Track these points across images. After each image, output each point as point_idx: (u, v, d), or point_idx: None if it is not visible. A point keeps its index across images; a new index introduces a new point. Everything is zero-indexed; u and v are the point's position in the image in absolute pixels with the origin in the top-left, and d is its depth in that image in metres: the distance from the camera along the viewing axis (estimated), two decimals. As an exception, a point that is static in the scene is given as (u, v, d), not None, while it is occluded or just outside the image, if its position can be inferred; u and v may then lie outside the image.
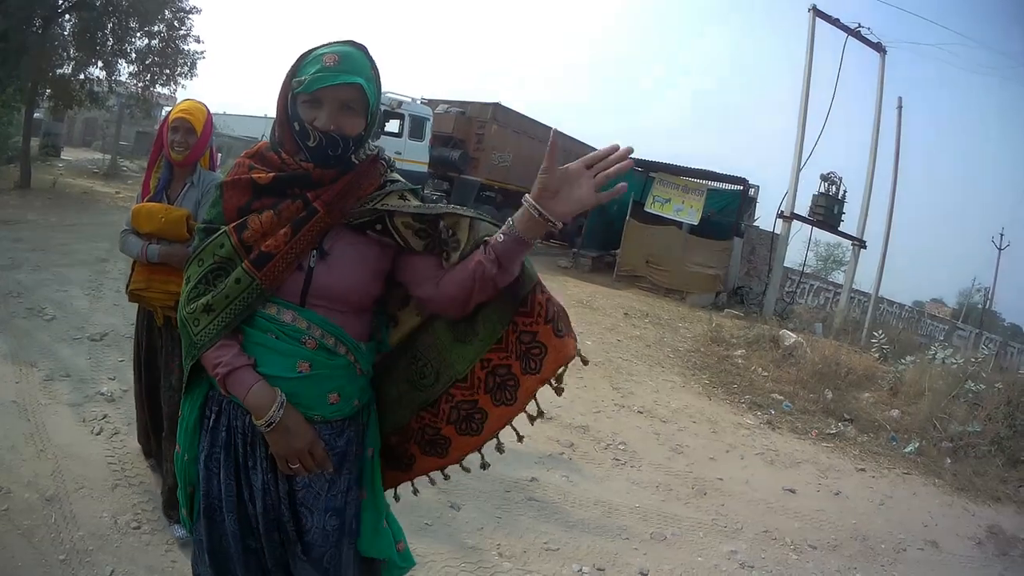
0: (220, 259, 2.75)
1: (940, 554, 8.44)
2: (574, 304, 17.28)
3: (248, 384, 2.66)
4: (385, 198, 2.80)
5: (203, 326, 2.72)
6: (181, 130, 5.14)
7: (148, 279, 5.17)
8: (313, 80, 2.58)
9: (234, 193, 2.82)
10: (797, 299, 28.49)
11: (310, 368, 2.73)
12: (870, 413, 13.57)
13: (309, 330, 2.73)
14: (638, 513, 7.48)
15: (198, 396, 2.92)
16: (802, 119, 25.25)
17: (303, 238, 2.69)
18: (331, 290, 2.76)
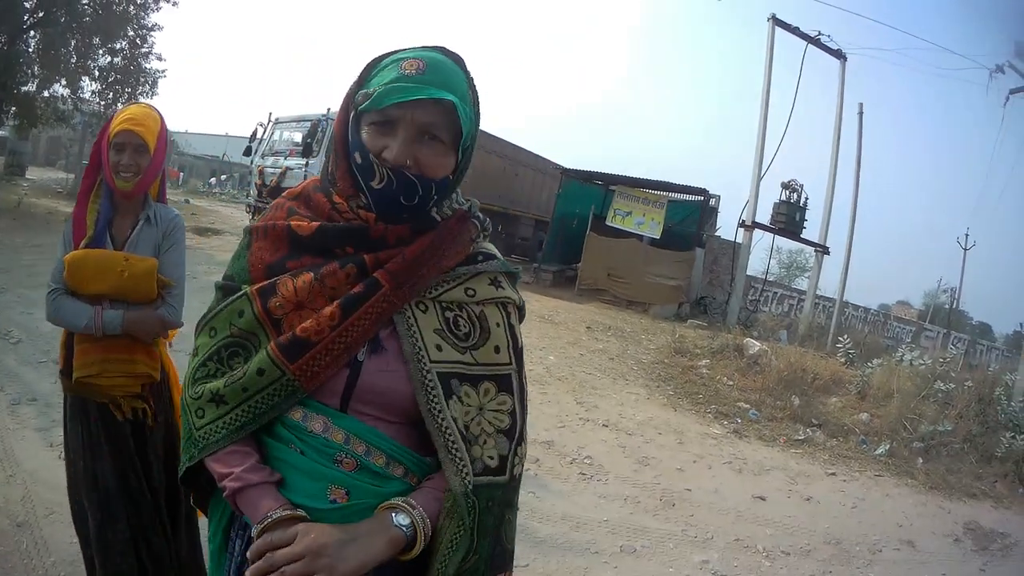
0: (238, 332, 2.08)
1: (917, 553, 8.40)
2: (536, 319, 17.11)
3: (266, 508, 1.93)
4: (472, 280, 2.13)
5: (208, 421, 2.04)
6: (129, 148, 3.89)
7: (102, 360, 3.87)
8: (386, 92, 1.91)
9: (265, 244, 2.14)
10: (761, 307, 28.53)
11: (347, 497, 1.97)
12: (838, 417, 13.54)
13: (348, 444, 1.99)
14: (607, 526, 7.34)
15: (222, 516, 2.19)
16: (762, 128, 25.37)
17: (357, 324, 1.98)
18: (385, 396, 2.02)
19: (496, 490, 2.06)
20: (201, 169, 63.64)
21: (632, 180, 27.51)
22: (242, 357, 2.05)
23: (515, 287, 2.27)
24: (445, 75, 1.95)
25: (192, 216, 23.88)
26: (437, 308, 2.07)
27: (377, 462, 2.00)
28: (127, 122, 3.94)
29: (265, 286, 2.04)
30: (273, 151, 25.12)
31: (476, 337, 2.10)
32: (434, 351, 2.03)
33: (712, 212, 29.50)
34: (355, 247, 2.04)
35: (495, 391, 2.11)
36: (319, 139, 22.04)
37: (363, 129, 1.98)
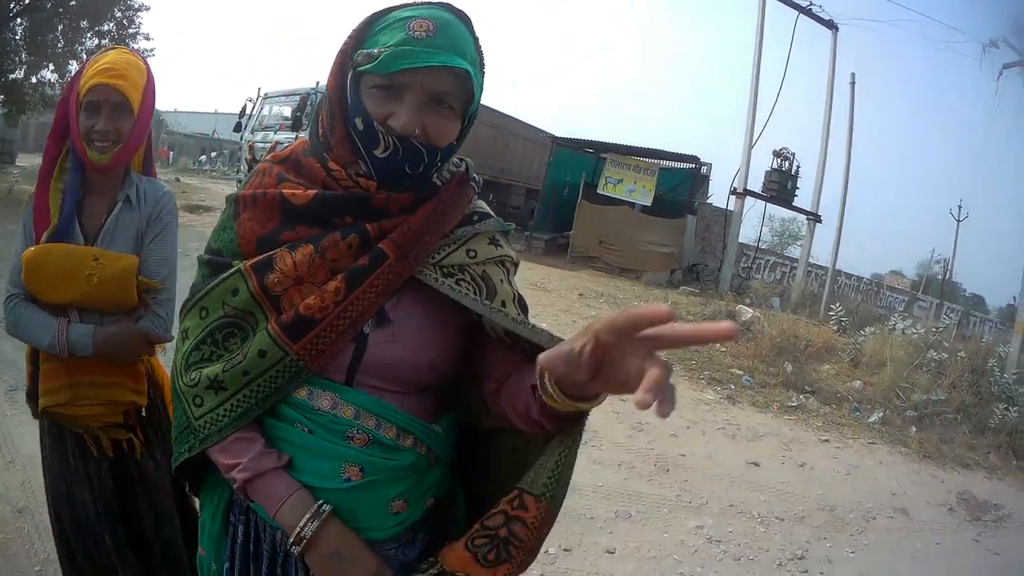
0: (233, 311, 1.94)
1: (910, 521, 8.41)
2: (528, 287, 16.95)
3: (279, 496, 1.86)
4: (471, 242, 2.04)
5: (208, 410, 1.92)
6: (105, 108, 3.05)
7: (71, 386, 3.12)
8: (395, 55, 1.76)
9: (255, 214, 1.99)
10: (753, 274, 28.48)
11: (361, 474, 1.89)
12: (831, 385, 13.56)
13: (358, 420, 1.90)
14: (601, 492, 7.32)
15: (220, 499, 2.09)
16: (753, 96, 25.30)
17: (363, 298, 1.88)
18: (392, 367, 1.95)
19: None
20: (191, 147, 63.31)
21: (623, 148, 27.37)
22: (239, 338, 1.94)
23: (509, 243, 2.18)
24: (456, 38, 1.82)
25: (183, 194, 23.65)
26: (439, 275, 1.97)
27: (388, 435, 1.92)
28: (103, 74, 3.04)
29: (260, 261, 1.91)
30: (263, 126, 25.03)
31: (484, 295, 2.00)
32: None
33: (704, 180, 29.40)
34: (355, 216, 1.93)
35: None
36: (308, 113, 21.93)
37: (365, 93, 1.84)
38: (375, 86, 1.81)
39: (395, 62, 1.75)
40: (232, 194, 2.10)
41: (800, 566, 6.67)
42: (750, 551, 6.76)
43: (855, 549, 7.37)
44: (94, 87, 3.05)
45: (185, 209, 19.78)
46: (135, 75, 3.16)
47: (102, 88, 3.05)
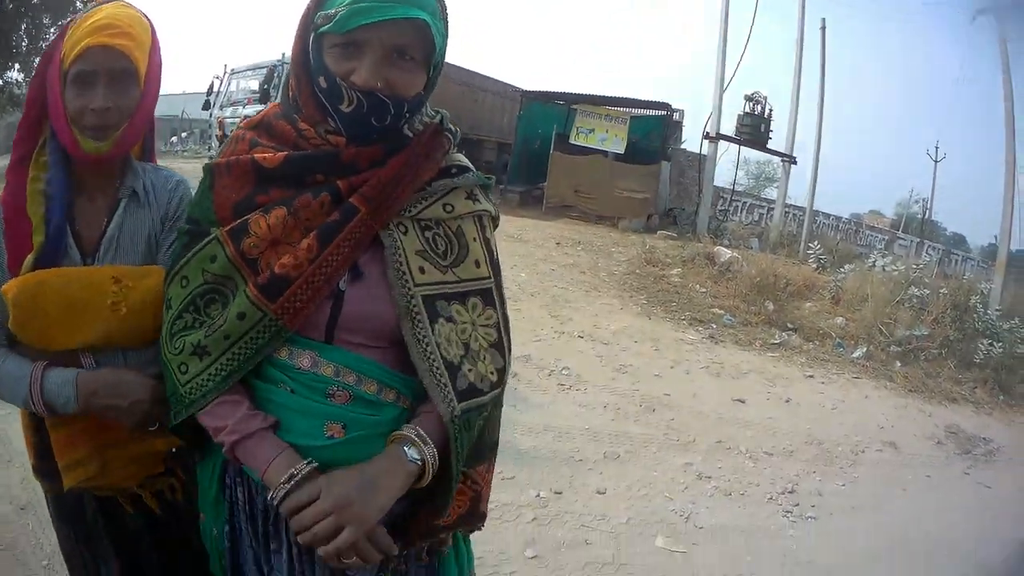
0: (212, 277, 1.93)
1: (900, 455, 8.46)
2: (504, 238, 16.86)
3: (267, 457, 1.85)
4: (449, 196, 2.05)
5: (193, 375, 1.92)
6: (105, 77, 2.22)
7: (98, 449, 2.33)
8: (351, 13, 1.75)
9: (229, 181, 1.98)
10: (730, 217, 28.57)
11: (344, 431, 1.90)
12: (813, 322, 13.60)
13: (339, 377, 1.91)
14: (589, 434, 7.33)
15: (215, 462, 2.09)
16: (723, 41, 25.17)
17: (336, 253, 1.88)
18: (370, 321, 1.95)
19: (493, 400, 2.08)
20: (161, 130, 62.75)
21: (594, 98, 27.35)
22: (219, 303, 1.94)
23: (489, 197, 2.21)
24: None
25: (156, 176, 23.66)
26: (417, 228, 2.00)
27: (369, 390, 1.94)
28: (100, 32, 2.21)
29: (236, 226, 1.92)
30: (231, 102, 25.01)
31: (454, 254, 2.05)
32: (418, 274, 1.96)
33: (676, 126, 29.42)
34: (326, 174, 1.92)
35: (482, 306, 2.09)
36: (276, 84, 21.93)
37: (326, 53, 1.86)
38: (335, 45, 1.84)
39: (351, 19, 1.76)
40: (207, 163, 2.08)
41: (791, 499, 6.68)
42: (740, 486, 6.77)
43: (845, 482, 7.41)
44: (88, 51, 2.20)
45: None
46: (141, 33, 2.33)
47: (99, 52, 2.20)
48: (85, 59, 2.20)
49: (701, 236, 20.72)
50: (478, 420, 2.01)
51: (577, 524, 5.63)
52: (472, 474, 2.10)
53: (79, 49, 2.19)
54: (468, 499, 2.10)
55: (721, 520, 6.05)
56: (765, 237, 24.50)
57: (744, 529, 5.99)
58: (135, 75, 2.28)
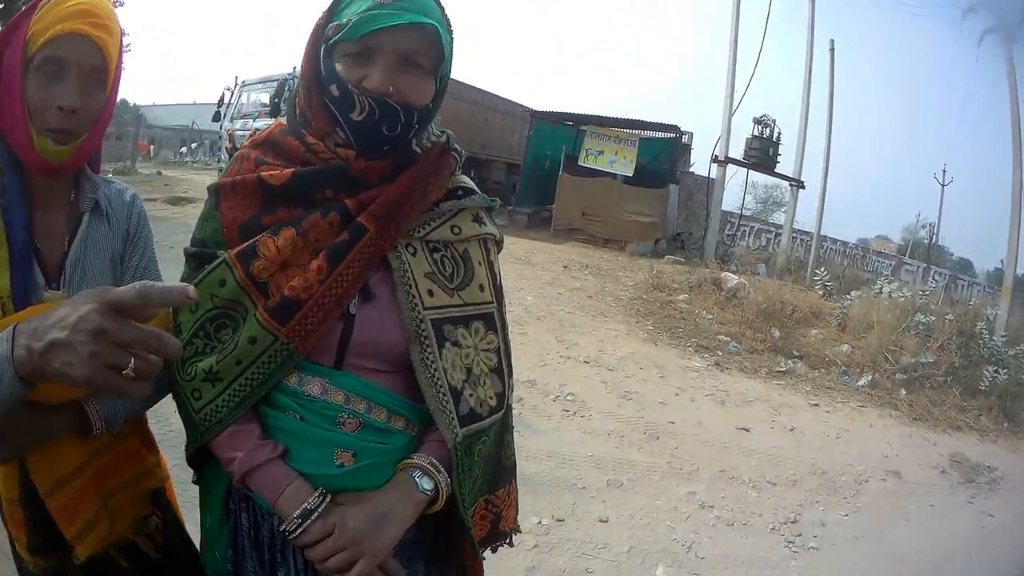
0: (222, 302, 1.90)
1: (903, 484, 8.46)
2: (512, 261, 16.97)
3: (278, 487, 1.84)
4: (456, 218, 2.05)
5: (207, 402, 1.89)
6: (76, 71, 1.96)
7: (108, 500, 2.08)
8: (362, 20, 1.76)
9: (235, 201, 1.95)
10: (738, 241, 28.52)
11: (354, 459, 1.89)
12: (819, 349, 13.57)
13: (349, 404, 1.90)
14: (592, 462, 7.35)
15: (218, 487, 2.04)
16: (732, 63, 25.20)
17: (347, 274, 1.85)
18: (381, 345, 1.93)
19: (495, 425, 2.09)
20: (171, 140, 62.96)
21: (603, 119, 27.22)
22: (230, 328, 1.91)
23: (493, 220, 2.21)
24: (421, 1, 1.83)
25: (165, 187, 23.47)
26: (425, 250, 2.00)
27: (379, 418, 1.93)
28: (80, 19, 1.95)
29: (244, 249, 1.89)
30: (242, 114, 25.01)
31: (460, 277, 2.05)
32: (427, 296, 1.95)
33: (685, 149, 29.38)
34: (335, 190, 1.91)
35: (484, 330, 2.09)
36: (286, 98, 21.67)
37: (338, 61, 1.85)
38: (347, 54, 1.82)
39: (363, 26, 1.76)
40: (213, 183, 2.05)
41: (793, 530, 6.70)
42: (743, 516, 6.78)
43: (848, 512, 7.41)
44: (63, 36, 1.93)
45: (168, 202, 19.67)
46: (116, 31, 2.07)
47: (76, 40, 1.94)
48: (57, 45, 1.92)
49: (708, 261, 20.70)
50: (478, 445, 2.02)
51: (578, 552, 5.64)
52: (492, 499, 2.16)
53: (52, 33, 1.91)
54: (488, 522, 2.15)
55: (723, 550, 6.07)
56: (772, 263, 24.45)
57: (746, 560, 6.01)
58: (104, 77, 2.05)
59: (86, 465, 2.02)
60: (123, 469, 2.14)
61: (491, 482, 2.13)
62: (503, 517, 2.19)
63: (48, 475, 1.96)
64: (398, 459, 1.94)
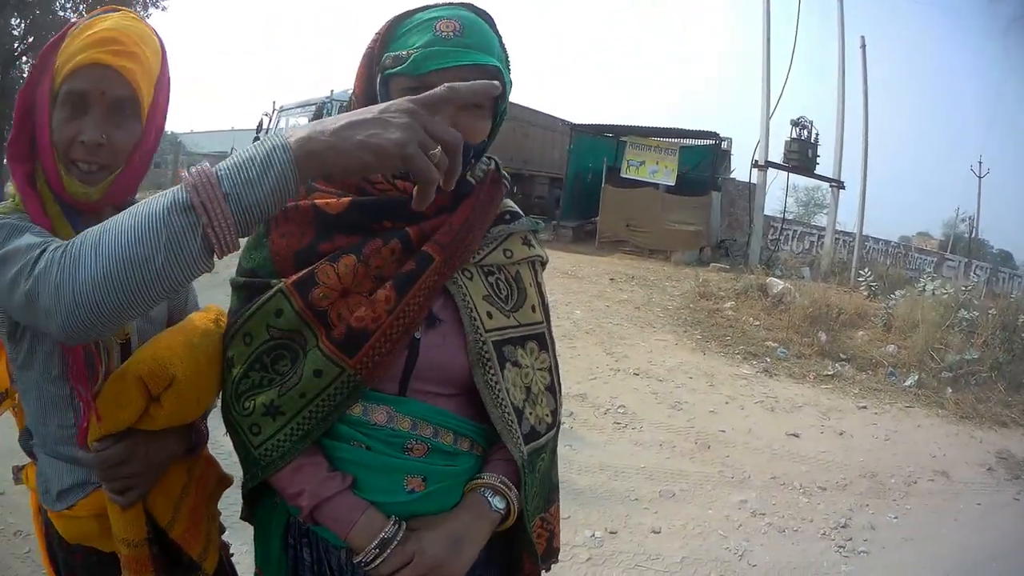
0: (279, 332, 1.87)
1: (951, 483, 8.48)
2: (558, 275, 17.08)
3: (351, 519, 1.83)
4: (507, 241, 2.09)
5: (267, 437, 1.86)
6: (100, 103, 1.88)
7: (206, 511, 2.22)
8: (425, 56, 1.75)
9: (287, 228, 1.91)
10: (782, 246, 28.29)
11: (424, 484, 1.91)
12: (866, 351, 13.54)
13: (416, 430, 1.90)
14: (644, 473, 7.45)
15: (276, 522, 2.05)
16: (766, 67, 25.11)
17: (413, 303, 1.84)
18: (445, 369, 1.94)
19: (551, 442, 2.14)
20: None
21: (642, 129, 27.07)
22: (288, 359, 1.87)
23: (539, 242, 2.23)
24: (482, 36, 1.83)
25: (205, 215, 23.75)
26: (481, 274, 2.01)
27: (446, 441, 1.94)
28: (100, 47, 1.85)
29: (302, 277, 1.84)
30: (281, 139, 24.89)
31: (515, 299, 2.07)
32: (486, 319, 1.97)
33: (725, 155, 29.15)
34: (393, 220, 1.89)
35: (538, 350, 2.12)
36: (326, 122, 21.78)
37: (394, 94, 1.78)
38: (406, 88, 1.76)
39: (426, 63, 1.75)
40: None
41: (844, 534, 6.78)
42: (794, 522, 6.87)
43: (897, 514, 7.46)
44: (83, 67, 1.84)
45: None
46: (150, 56, 1.97)
47: (96, 71, 1.85)
48: (78, 77, 1.84)
49: (753, 267, 20.62)
50: (538, 462, 2.05)
51: (631, 564, 5.76)
52: (547, 516, 2.14)
53: (74, 64, 1.84)
54: (545, 540, 2.13)
55: (775, 557, 6.16)
56: (816, 265, 24.29)
57: (797, 566, 6.10)
58: (138, 106, 1.94)
59: (189, 483, 2.11)
60: (211, 477, 2.24)
61: (546, 500, 2.14)
62: (555, 534, 2.19)
63: (165, 504, 2.02)
64: (466, 480, 1.97)
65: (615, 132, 28.53)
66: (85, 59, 1.83)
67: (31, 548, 4.85)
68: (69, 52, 1.84)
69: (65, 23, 17.92)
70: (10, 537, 5.07)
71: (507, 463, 2.01)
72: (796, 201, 68.18)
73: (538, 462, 2.06)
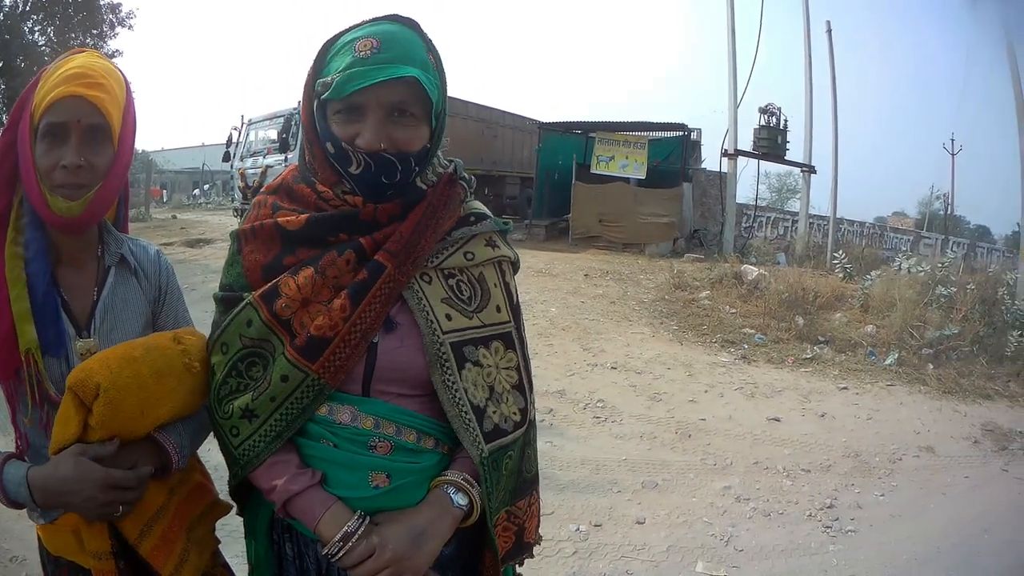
0: (250, 341, 2.01)
1: (937, 458, 8.46)
2: (533, 274, 17.18)
3: (318, 512, 1.93)
4: (469, 244, 2.14)
5: (244, 438, 1.99)
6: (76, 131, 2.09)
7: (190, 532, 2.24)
8: (345, 80, 1.85)
9: (256, 245, 2.06)
10: (755, 233, 28.36)
11: (389, 480, 1.98)
12: (844, 332, 13.55)
13: (379, 429, 1.99)
14: (626, 465, 7.43)
15: (262, 519, 2.17)
16: (731, 54, 25.16)
17: (369, 310, 1.95)
18: (405, 371, 2.02)
19: (518, 440, 2.15)
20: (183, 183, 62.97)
21: (611, 125, 27.32)
22: (260, 365, 2.01)
23: (507, 242, 2.28)
24: (402, 48, 1.91)
25: (181, 230, 23.68)
26: (440, 277, 2.09)
27: (409, 439, 2.02)
28: (73, 81, 2.10)
29: (267, 290, 1.99)
30: (251, 152, 25.11)
31: (478, 300, 2.13)
32: (444, 321, 2.04)
33: (695, 146, 29.28)
34: (348, 233, 2.00)
35: (503, 349, 2.17)
36: (294, 133, 21.82)
37: (330, 119, 1.95)
38: (337, 111, 1.92)
39: (347, 85, 1.85)
40: (234, 230, 2.17)
41: (830, 515, 6.73)
42: (779, 505, 6.83)
43: (884, 492, 7.43)
44: (59, 101, 2.08)
45: (186, 244, 19.84)
46: (115, 87, 2.20)
47: (71, 103, 2.08)
48: (56, 111, 2.07)
49: (727, 256, 20.64)
50: (504, 459, 2.10)
51: (617, 555, 5.73)
52: (514, 510, 2.20)
53: (50, 99, 2.07)
54: (512, 534, 2.20)
55: (761, 541, 6.13)
56: (791, 251, 24.46)
57: (784, 548, 6.06)
58: (109, 132, 2.16)
59: (167, 505, 2.16)
60: (197, 502, 2.29)
61: (512, 493, 2.18)
62: (526, 528, 2.24)
63: (135, 520, 2.06)
64: (431, 476, 2.04)
65: (583, 129, 28.79)
66: (61, 93, 2.08)
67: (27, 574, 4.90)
68: (45, 90, 2.10)
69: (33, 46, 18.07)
70: (6, 563, 5.08)
71: (469, 460, 2.06)
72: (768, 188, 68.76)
73: (504, 460, 2.10)
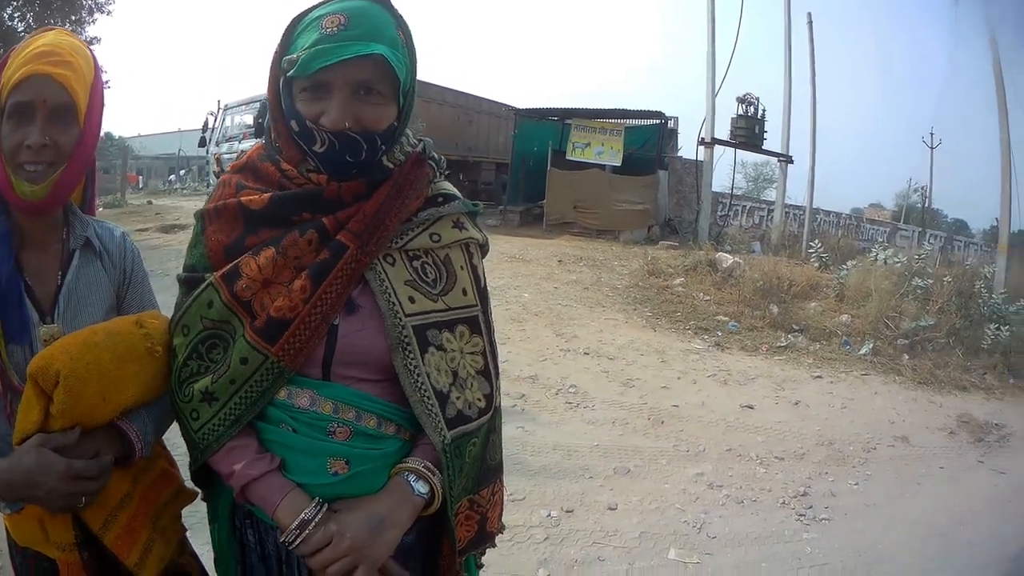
0: (211, 323, 1.94)
1: (912, 448, 8.45)
2: (506, 260, 17.09)
3: (275, 499, 1.87)
4: (436, 225, 2.07)
5: (204, 422, 1.93)
6: (42, 110, 2.04)
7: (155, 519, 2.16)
8: (311, 57, 1.78)
9: (219, 225, 1.99)
10: (731, 221, 28.45)
11: (348, 466, 1.91)
12: (819, 321, 13.60)
13: (338, 414, 1.92)
14: (598, 451, 7.36)
15: (223, 505, 2.10)
16: (711, 45, 25.15)
17: (330, 291, 1.88)
18: (366, 354, 1.95)
19: (483, 427, 2.10)
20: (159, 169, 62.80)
21: (587, 112, 27.32)
22: (221, 347, 1.95)
23: (476, 224, 2.22)
24: (369, 24, 1.84)
25: (156, 216, 23.35)
26: (404, 258, 2.02)
27: (369, 425, 1.96)
28: (39, 60, 2.04)
29: (228, 270, 1.92)
30: (227, 137, 25.14)
31: (443, 282, 2.07)
32: (407, 304, 1.97)
33: (671, 134, 29.37)
34: (312, 212, 1.94)
35: (469, 333, 2.11)
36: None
37: (296, 96, 1.90)
38: (303, 89, 1.87)
39: (312, 63, 1.79)
40: (198, 210, 2.09)
41: (804, 503, 6.69)
42: (752, 493, 6.79)
43: (858, 481, 7.40)
44: (26, 79, 2.01)
45: (160, 230, 19.65)
46: (82, 65, 2.13)
47: (38, 81, 2.02)
48: (22, 90, 2.02)
49: (703, 244, 20.69)
50: (467, 447, 2.03)
51: (589, 541, 5.67)
52: (477, 499, 2.13)
53: (17, 77, 2.01)
54: (475, 523, 2.13)
55: (734, 528, 6.07)
56: (766, 239, 24.51)
57: (758, 536, 6.01)
58: (74, 111, 2.09)
59: (131, 493, 2.09)
60: (162, 490, 2.21)
61: (475, 481, 2.12)
62: (488, 518, 2.19)
63: (98, 510, 1.99)
64: (392, 463, 1.97)
65: (560, 115, 28.77)
66: (28, 71, 2.02)
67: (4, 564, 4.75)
68: (12, 68, 2.03)
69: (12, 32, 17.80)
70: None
71: (431, 447, 2.00)
72: (745, 177, 69.28)
73: (467, 446, 2.05)
